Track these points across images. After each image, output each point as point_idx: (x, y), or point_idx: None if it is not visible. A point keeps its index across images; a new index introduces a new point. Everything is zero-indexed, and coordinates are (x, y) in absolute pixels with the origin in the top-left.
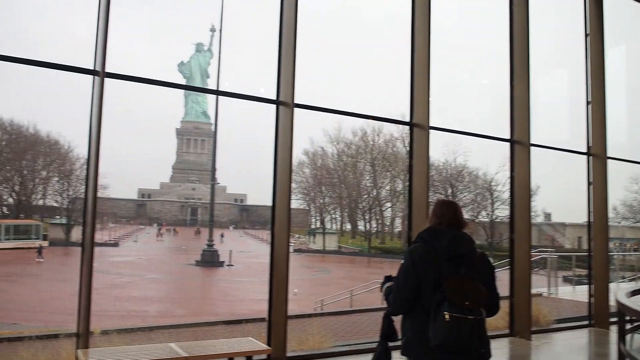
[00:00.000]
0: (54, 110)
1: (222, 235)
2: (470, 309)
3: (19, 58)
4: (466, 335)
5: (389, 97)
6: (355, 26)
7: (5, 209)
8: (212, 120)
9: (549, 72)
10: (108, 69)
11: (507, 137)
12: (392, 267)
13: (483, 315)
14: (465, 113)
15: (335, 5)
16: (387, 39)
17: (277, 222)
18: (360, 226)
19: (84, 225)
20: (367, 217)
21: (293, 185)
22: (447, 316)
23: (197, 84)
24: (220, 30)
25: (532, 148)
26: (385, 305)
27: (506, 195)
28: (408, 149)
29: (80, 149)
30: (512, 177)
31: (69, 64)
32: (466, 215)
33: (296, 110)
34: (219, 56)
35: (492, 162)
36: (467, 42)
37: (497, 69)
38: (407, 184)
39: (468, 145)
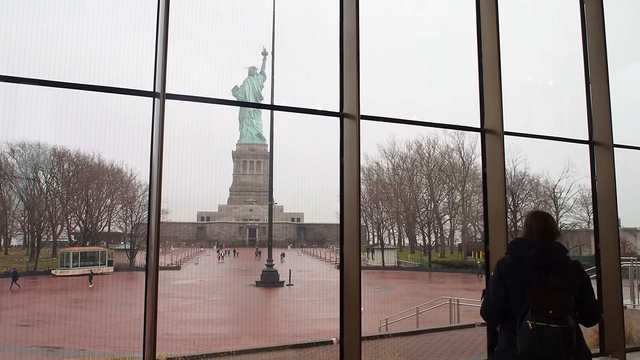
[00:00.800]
0: (117, 140)
1: (282, 255)
2: (556, 317)
3: (77, 84)
4: (551, 344)
5: (453, 104)
6: (418, 34)
7: (73, 237)
8: (267, 142)
9: (627, 66)
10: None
11: (585, 138)
12: (454, 281)
13: (570, 324)
14: (531, 116)
15: (390, 13)
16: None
17: (346, 240)
18: (419, 240)
19: (147, 249)
20: (425, 230)
21: None
22: (530, 325)
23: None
24: (273, 52)
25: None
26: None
27: (571, 202)
28: (481, 156)
29: (141, 176)
30: (593, 182)
31: (129, 88)
32: None
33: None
34: (272, 78)
35: (553, 169)
36: (527, 42)
37: (561, 69)
38: (465, 194)
39: (527, 152)
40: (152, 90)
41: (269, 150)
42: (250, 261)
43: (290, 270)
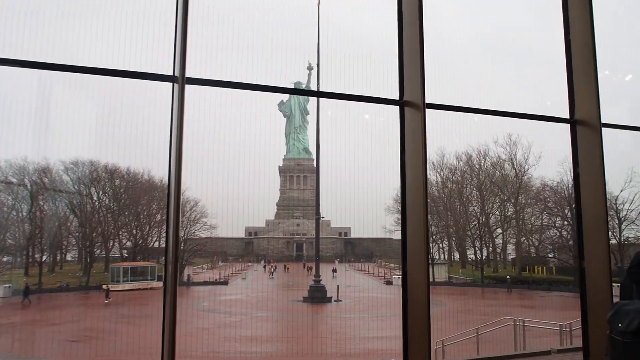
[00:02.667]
0: (166, 158)
1: (334, 271)
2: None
3: (99, 68)
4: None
5: (533, 95)
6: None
7: (125, 252)
8: (314, 157)
9: None
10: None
11: None
12: (509, 298)
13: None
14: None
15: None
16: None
17: (410, 253)
18: (470, 255)
19: (165, 264)
20: (477, 245)
21: (396, 215)
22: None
23: (297, 121)
24: (318, 66)
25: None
26: None
27: (634, 214)
28: (571, 153)
29: (190, 192)
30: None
31: (148, 72)
32: None
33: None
34: (318, 92)
35: (612, 178)
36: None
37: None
38: (518, 207)
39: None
40: (171, 74)
41: (315, 165)
42: (298, 276)
43: (338, 286)
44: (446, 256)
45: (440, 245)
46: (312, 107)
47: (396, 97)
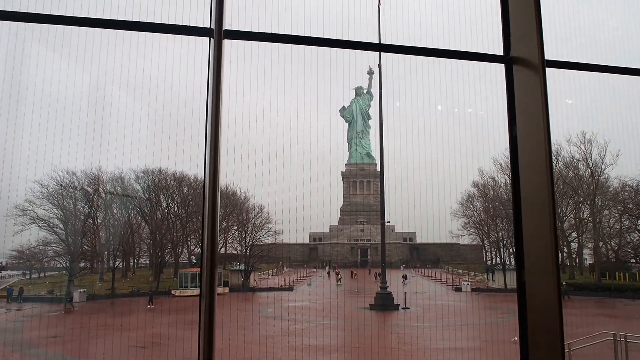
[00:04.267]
0: (231, 165)
1: (404, 277)
2: None
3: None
4: None
5: None
6: None
7: (193, 258)
8: (377, 161)
9: None
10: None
11: None
12: (587, 306)
13: None
14: None
15: None
16: None
17: (529, 255)
18: None
19: (201, 271)
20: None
21: (463, 219)
22: None
23: (359, 126)
24: (380, 71)
25: None
26: None
27: None
28: None
29: (255, 199)
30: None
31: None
32: None
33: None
34: (380, 97)
35: None
36: None
37: None
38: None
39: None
40: (207, 26)
41: (379, 169)
42: (365, 282)
43: (405, 293)
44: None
45: (511, 250)
46: (375, 112)
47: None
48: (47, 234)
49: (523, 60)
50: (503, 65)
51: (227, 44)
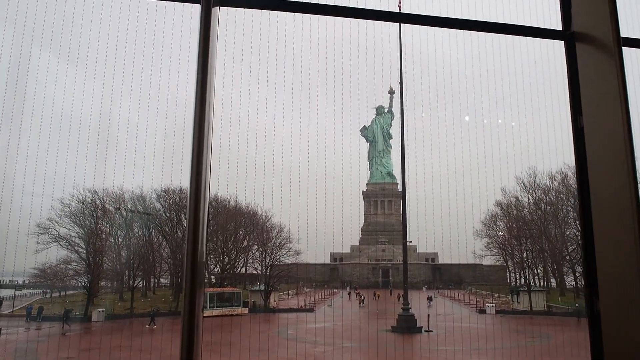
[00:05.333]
0: (250, 184)
1: (429, 299)
2: None
3: None
4: None
5: None
6: None
7: (213, 278)
8: (398, 180)
9: None
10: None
11: None
12: None
13: None
14: None
15: None
16: None
17: (604, 278)
18: (570, 281)
19: (184, 290)
20: (577, 270)
21: (486, 239)
22: None
23: (380, 146)
24: (401, 91)
25: None
26: None
27: None
28: None
29: (275, 218)
30: None
31: None
32: None
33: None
34: (402, 116)
35: None
36: None
37: None
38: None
39: None
40: None
41: (400, 189)
42: (387, 303)
43: (429, 315)
44: (542, 283)
45: (536, 271)
46: (396, 132)
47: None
48: (68, 252)
49: (590, 36)
50: (562, 43)
51: (254, 64)
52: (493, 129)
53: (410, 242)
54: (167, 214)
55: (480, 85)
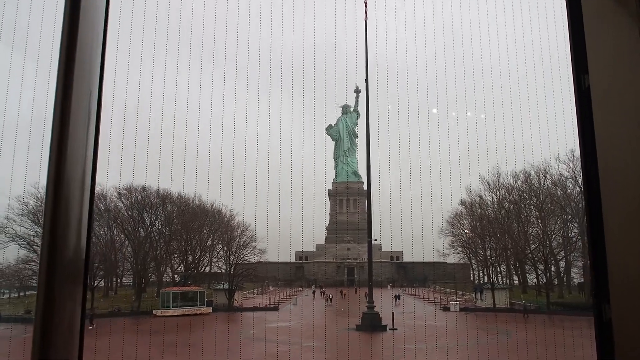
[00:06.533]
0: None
1: (397, 297)
2: None
3: None
4: None
5: None
6: None
7: (176, 277)
8: (363, 179)
9: None
10: None
11: None
12: (581, 327)
13: None
14: None
15: None
16: None
17: (618, 284)
18: (532, 279)
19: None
20: (540, 268)
21: (450, 238)
22: None
23: (345, 145)
24: (367, 88)
25: None
26: None
27: None
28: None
29: (240, 217)
30: None
31: None
32: None
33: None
34: (367, 114)
35: None
36: None
37: None
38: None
39: None
40: None
41: (365, 187)
42: (354, 302)
43: (393, 313)
44: (505, 281)
45: (499, 269)
46: (361, 131)
47: None
48: (27, 252)
49: None
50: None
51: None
52: (461, 123)
53: (375, 240)
54: (129, 213)
55: (447, 79)
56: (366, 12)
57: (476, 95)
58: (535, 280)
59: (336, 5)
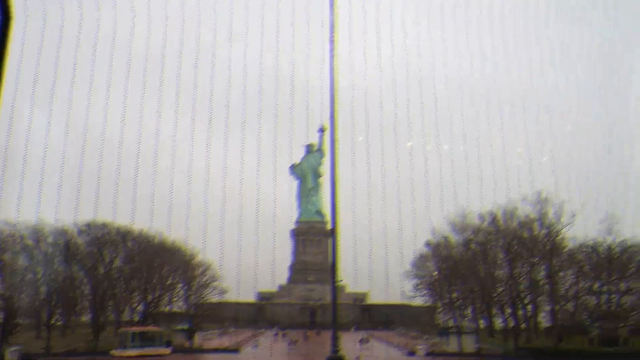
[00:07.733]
0: (179, 220)
1: (361, 341)
2: None
3: None
4: None
5: None
6: None
7: (136, 316)
8: (327, 218)
9: None
10: None
11: None
12: None
13: None
14: None
15: None
16: None
17: None
18: (499, 322)
19: None
20: (508, 311)
21: (415, 280)
22: None
23: (309, 184)
24: (332, 125)
25: None
26: None
27: None
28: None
29: (202, 256)
30: None
31: None
32: None
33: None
34: (332, 153)
35: None
36: None
37: None
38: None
39: None
40: None
41: (330, 227)
42: (318, 344)
43: (357, 358)
44: (471, 324)
45: (465, 312)
46: (328, 168)
47: None
48: None
49: None
50: None
51: None
52: (431, 157)
53: (341, 280)
54: (89, 249)
55: (410, 113)
56: (332, 50)
57: (439, 130)
58: (502, 323)
59: (298, 38)
